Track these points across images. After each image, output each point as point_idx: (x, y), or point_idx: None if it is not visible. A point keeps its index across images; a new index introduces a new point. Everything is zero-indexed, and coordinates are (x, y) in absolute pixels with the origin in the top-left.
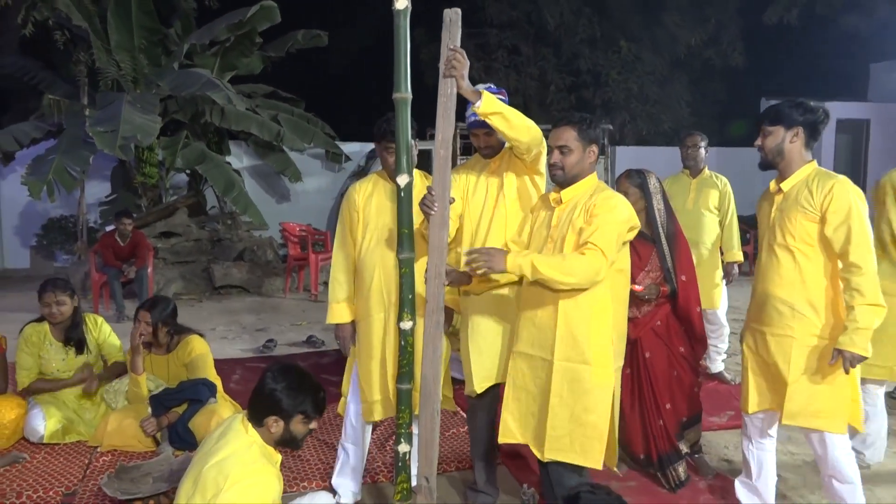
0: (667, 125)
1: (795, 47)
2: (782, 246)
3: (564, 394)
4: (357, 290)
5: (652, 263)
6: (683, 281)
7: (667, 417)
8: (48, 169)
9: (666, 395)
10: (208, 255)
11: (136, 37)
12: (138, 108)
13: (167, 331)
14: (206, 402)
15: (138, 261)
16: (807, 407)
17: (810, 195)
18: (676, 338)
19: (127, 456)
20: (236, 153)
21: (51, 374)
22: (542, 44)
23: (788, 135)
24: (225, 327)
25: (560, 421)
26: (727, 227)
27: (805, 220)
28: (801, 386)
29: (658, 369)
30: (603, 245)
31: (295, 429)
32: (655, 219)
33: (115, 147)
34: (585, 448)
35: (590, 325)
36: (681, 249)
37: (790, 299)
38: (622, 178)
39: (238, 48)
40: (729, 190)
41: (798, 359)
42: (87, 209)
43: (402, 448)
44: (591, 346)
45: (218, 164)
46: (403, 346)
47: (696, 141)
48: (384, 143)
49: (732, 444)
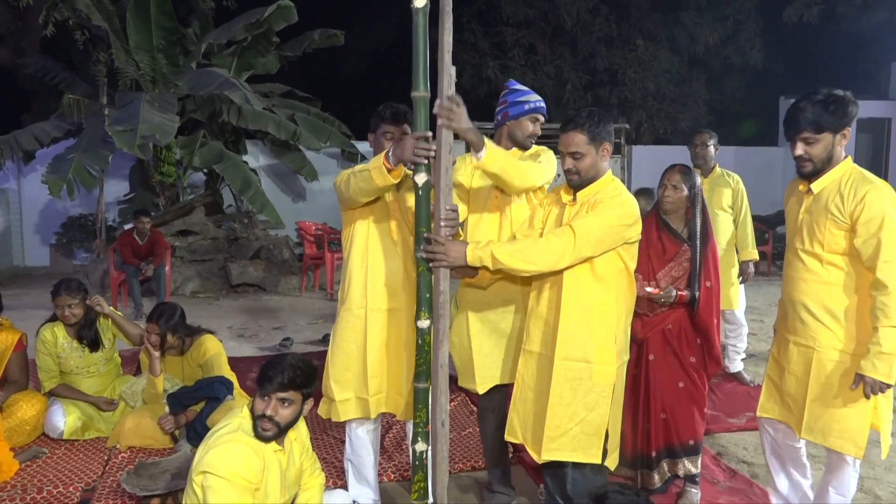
0: (684, 124)
1: (815, 45)
2: (809, 252)
3: (565, 394)
4: (352, 282)
5: (677, 261)
6: (707, 287)
7: (656, 426)
8: (68, 168)
9: (662, 403)
10: (225, 254)
11: (154, 37)
12: (156, 108)
13: (178, 336)
14: (223, 400)
15: (156, 259)
16: (824, 424)
17: (841, 201)
18: (688, 347)
19: (146, 453)
20: (253, 152)
21: (70, 371)
22: (559, 42)
23: (837, 138)
24: (241, 326)
25: (558, 421)
26: (741, 225)
27: (834, 228)
28: (820, 400)
29: (660, 375)
30: (579, 231)
31: (255, 403)
32: (696, 219)
33: (134, 146)
34: (584, 444)
35: (592, 323)
36: (711, 255)
37: (815, 308)
38: (673, 172)
39: (255, 48)
40: (742, 188)
41: (818, 372)
42: (105, 208)
43: (419, 447)
44: (593, 344)
45: (235, 163)
46: (420, 344)
47: (703, 139)
48: (385, 128)
49: (752, 445)
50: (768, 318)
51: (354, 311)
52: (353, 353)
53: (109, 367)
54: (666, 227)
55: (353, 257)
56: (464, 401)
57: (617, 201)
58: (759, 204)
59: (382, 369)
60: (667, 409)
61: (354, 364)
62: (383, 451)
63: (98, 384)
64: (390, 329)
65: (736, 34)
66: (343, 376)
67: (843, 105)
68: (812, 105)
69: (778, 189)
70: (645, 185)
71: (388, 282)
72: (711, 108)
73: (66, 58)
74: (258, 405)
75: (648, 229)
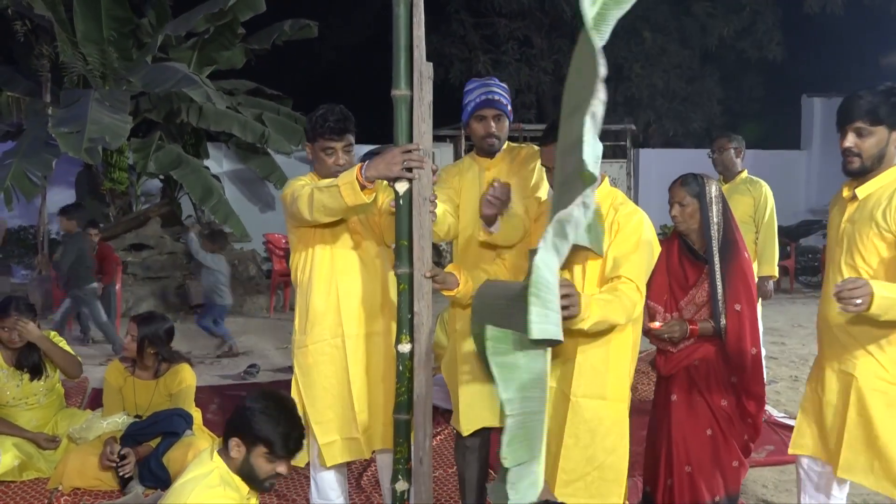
0: (696, 125)
1: (840, 39)
2: (850, 266)
3: (581, 434)
4: (317, 312)
5: (700, 286)
6: (737, 311)
7: (680, 481)
8: (6, 174)
9: (686, 454)
10: (183, 271)
11: (104, 28)
12: (107, 107)
13: (154, 353)
14: (181, 435)
15: (105, 277)
16: (865, 461)
17: (889, 208)
18: (717, 388)
19: (91, 495)
20: (215, 156)
21: (6, 402)
22: (557, 35)
23: (894, 136)
24: (202, 351)
25: (573, 464)
26: (762, 237)
27: (878, 240)
28: (860, 434)
29: (684, 420)
30: (635, 276)
31: (256, 462)
32: (710, 230)
33: (81, 150)
34: (603, 491)
35: (609, 354)
36: (739, 271)
37: (854, 331)
38: (675, 187)
39: (218, 40)
40: (767, 196)
41: (858, 402)
42: (48, 219)
43: (399, 486)
44: (610, 379)
45: (195, 168)
46: (402, 371)
47: (722, 144)
48: (324, 144)
49: (772, 482)
50: (791, 341)
51: (329, 341)
52: (334, 389)
53: (51, 399)
54: (687, 250)
55: (316, 283)
56: (451, 434)
57: (636, 220)
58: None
59: (369, 402)
60: (692, 462)
61: (336, 402)
62: (360, 491)
63: (38, 418)
64: (371, 356)
65: (753, 26)
66: (325, 416)
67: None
68: (872, 94)
69: (800, 196)
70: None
71: (365, 304)
72: (727, 108)
73: (5, 51)
74: (266, 466)
75: (670, 255)
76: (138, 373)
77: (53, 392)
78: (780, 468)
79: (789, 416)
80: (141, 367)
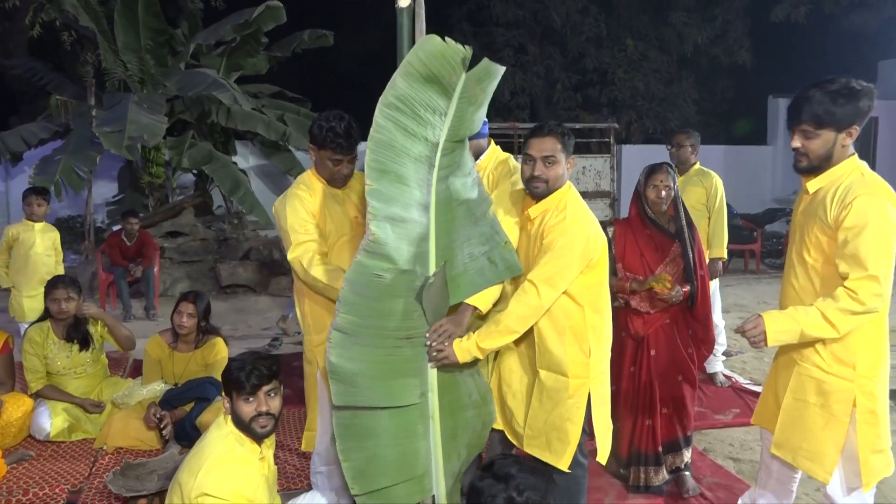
0: (673, 123)
1: (803, 45)
2: (799, 258)
3: (544, 400)
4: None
5: (671, 258)
6: (701, 276)
7: (659, 421)
8: (55, 169)
9: (666, 398)
10: (214, 255)
11: (142, 37)
12: (145, 109)
13: (203, 326)
14: (213, 400)
15: (144, 260)
16: (794, 441)
17: (832, 204)
18: (684, 339)
19: (133, 454)
20: (242, 153)
21: (57, 371)
22: (549, 42)
23: (841, 137)
24: (231, 326)
25: (537, 423)
26: (713, 223)
27: (821, 234)
28: (792, 416)
29: (662, 369)
30: (539, 282)
31: (239, 410)
32: (680, 214)
33: (122, 147)
34: (558, 451)
35: (564, 341)
36: (699, 246)
37: None
38: (663, 174)
39: (244, 48)
40: (717, 185)
41: (796, 387)
42: (94, 209)
43: None
44: (568, 360)
45: (224, 163)
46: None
47: (680, 140)
48: (331, 155)
49: (738, 441)
50: None
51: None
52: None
53: (97, 369)
54: (654, 225)
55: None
56: None
57: (563, 228)
58: (748, 202)
59: None
60: (669, 404)
61: None
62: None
63: (85, 385)
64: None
65: (724, 34)
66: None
67: (854, 98)
68: (820, 94)
69: (766, 187)
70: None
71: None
72: (701, 108)
73: (54, 59)
74: (246, 408)
75: (636, 230)
76: (180, 346)
77: (99, 362)
78: (744, 429)
79: (754, 383)
80: (184, 341)
